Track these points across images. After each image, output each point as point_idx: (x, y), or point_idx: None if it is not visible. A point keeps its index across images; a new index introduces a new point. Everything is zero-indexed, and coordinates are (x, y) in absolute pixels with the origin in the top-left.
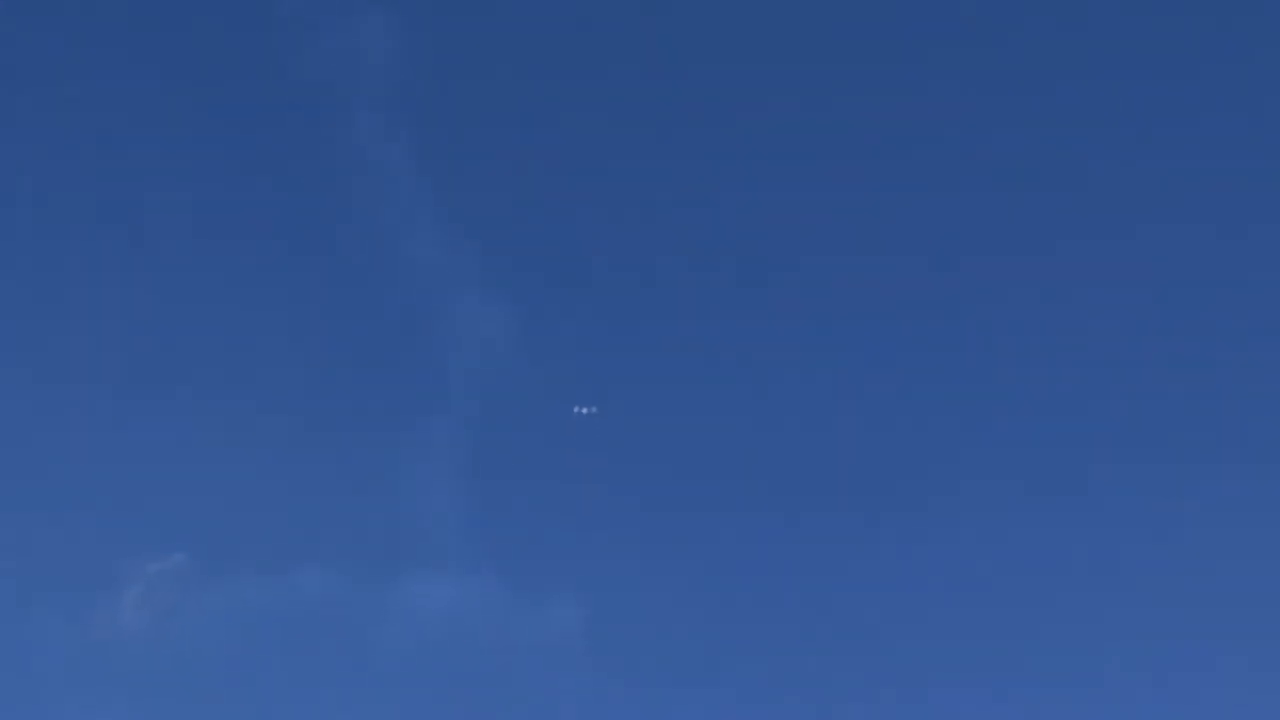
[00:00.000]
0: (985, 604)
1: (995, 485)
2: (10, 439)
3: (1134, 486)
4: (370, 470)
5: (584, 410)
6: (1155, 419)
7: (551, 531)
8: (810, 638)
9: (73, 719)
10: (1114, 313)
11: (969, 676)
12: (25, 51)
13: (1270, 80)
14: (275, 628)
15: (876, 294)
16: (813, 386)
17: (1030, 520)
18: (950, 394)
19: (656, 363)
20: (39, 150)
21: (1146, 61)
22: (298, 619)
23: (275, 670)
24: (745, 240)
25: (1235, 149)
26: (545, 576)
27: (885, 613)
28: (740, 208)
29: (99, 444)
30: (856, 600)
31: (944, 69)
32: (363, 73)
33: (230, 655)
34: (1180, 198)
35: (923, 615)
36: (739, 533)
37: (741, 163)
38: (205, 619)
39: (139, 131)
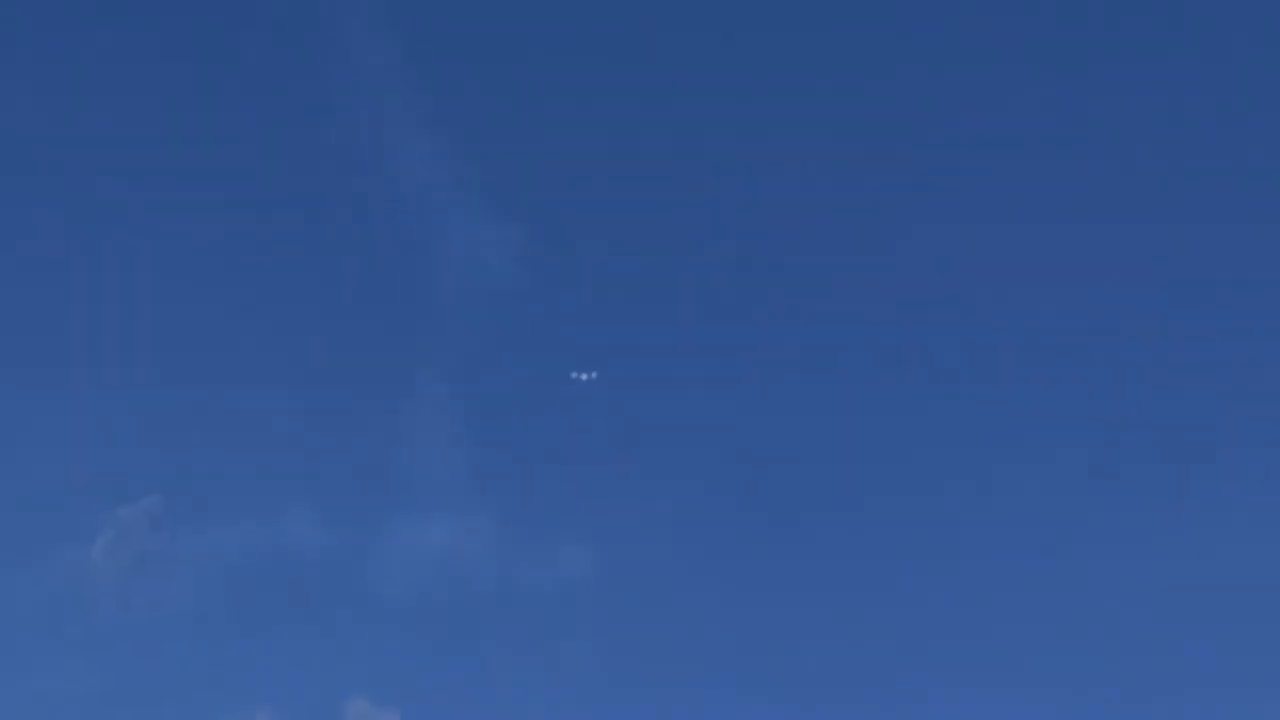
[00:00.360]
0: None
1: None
2: None
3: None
4: (360, 406)
5: (582, 376)
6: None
7: (557, 473)
8: (820, 586)
9: (38, 677)
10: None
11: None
12: None
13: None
14: (259, 575)
15: (881, 262)
16: (819, 325)
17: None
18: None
19: (665, 299)
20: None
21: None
22: (283, 565)
23: (259, 621)
24: (757, 174)
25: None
26: (551, 521)
27: (886, 561)
28: (756, 140)
29: (63, 380)
30: (864, 553)
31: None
32: None
33: (209, 606)
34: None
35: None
36: (751, 477)
37: (759, 98)
38: (181, 567)
39: (124, 51)
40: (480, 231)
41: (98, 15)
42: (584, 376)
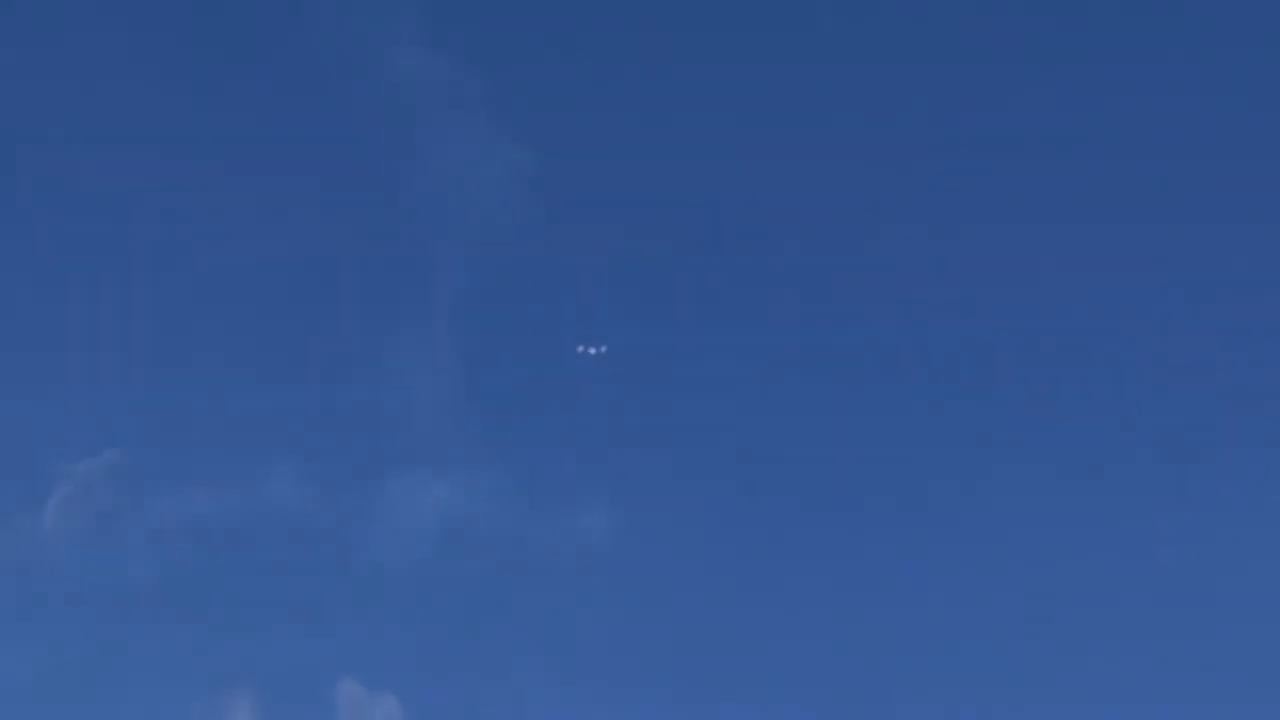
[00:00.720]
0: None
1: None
2: None
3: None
4: (350, 352)
5: (590, 350)
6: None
7: (571, 428)
8: (848, 556)
9: None
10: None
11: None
12: None
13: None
14: (237, 541)
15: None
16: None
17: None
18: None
19: (685, 239)
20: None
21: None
22: (265, 529)
23: (237, 593)
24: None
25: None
26: (565, 482)
27: (899, 536)
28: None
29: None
30: (879, 532)
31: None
32: None
33: (180, 576)
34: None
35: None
36: (774, 436)
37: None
38: (147, 531)
39: None
40: (486, 156)
41: None
42: (592, 350)
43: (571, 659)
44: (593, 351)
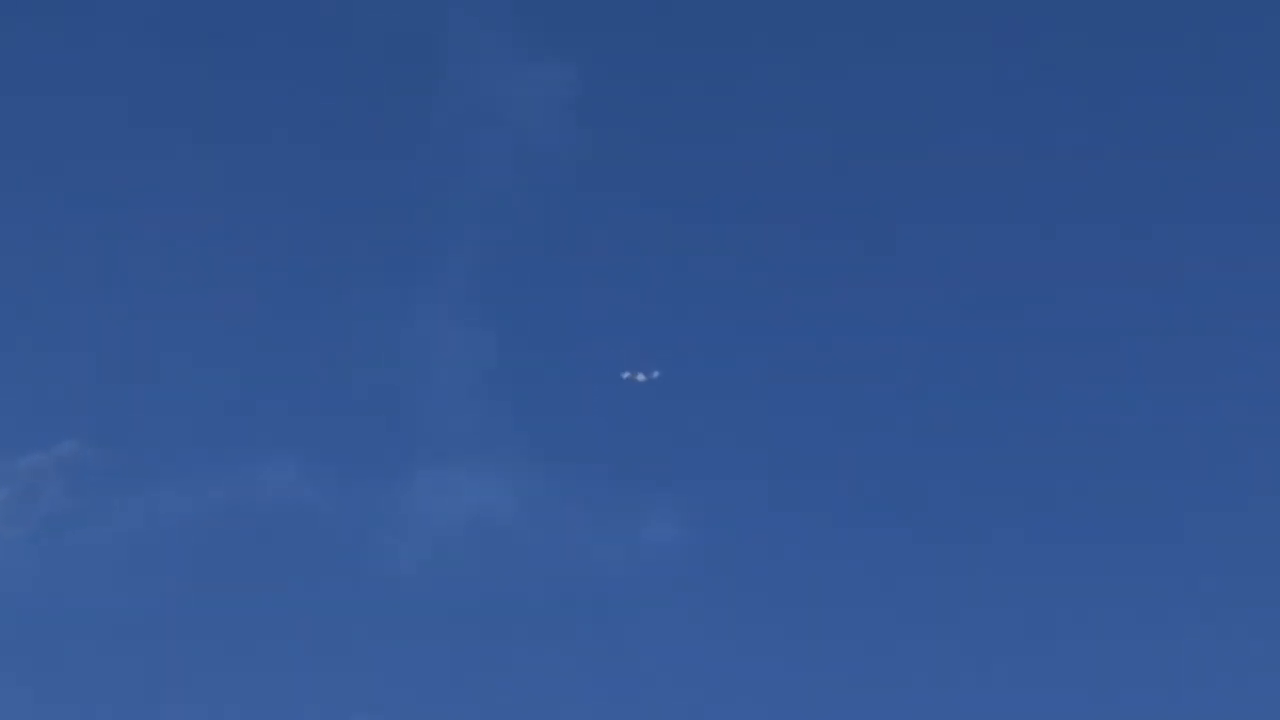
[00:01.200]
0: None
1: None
2: None
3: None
4: (360, 320)
5: (638, 376)
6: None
7: (630, 415)
8: (927, 570)
9: None
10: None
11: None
12: None
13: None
14: (223, 550)
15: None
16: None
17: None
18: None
19: (759, 162)
20: None
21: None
22: (258, 536)
23: (224, 614)
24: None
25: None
26: (624, 479)
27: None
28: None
29: None
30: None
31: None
32: None
33: (151, 593)
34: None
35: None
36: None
37: None
38: (110, 539)
39: None
40: (521, 78)
41: None
42: (640, 376)
43: (636, 692)
44: (640, 378)
